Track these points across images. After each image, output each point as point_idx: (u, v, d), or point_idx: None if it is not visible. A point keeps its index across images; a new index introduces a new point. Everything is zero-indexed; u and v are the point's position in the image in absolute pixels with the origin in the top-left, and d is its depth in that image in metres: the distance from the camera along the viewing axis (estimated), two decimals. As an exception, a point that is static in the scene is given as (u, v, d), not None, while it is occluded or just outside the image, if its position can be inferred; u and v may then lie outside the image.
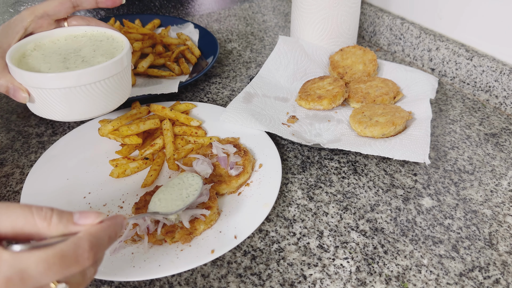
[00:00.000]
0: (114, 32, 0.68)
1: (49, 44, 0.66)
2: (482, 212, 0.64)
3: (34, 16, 0.63)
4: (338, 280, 0.55)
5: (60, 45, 0.66)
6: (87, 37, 0.68)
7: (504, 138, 0.79)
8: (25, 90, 0.58)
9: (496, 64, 0.85)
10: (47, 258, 0.32)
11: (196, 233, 0.58)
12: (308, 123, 0.81)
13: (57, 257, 0.33)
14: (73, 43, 0.67)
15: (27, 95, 0.59)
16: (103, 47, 0.66)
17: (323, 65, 0.97)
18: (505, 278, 0.55)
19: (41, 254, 0.32)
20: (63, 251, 0.33)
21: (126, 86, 0.66)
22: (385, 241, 0.60)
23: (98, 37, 0.68)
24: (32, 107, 0.62)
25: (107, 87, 0.61)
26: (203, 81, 0.97)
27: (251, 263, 0.57)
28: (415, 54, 1.02)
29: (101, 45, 0.66)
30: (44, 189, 0.65)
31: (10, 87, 0.58)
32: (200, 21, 1.26)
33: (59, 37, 0.67)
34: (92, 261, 0.35)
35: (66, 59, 0.63)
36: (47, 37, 0.66)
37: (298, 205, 0.65)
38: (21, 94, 0.58)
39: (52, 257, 0.33)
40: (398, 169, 0.72)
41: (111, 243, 0.38)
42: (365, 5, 1.12)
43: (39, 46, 0.65)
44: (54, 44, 0.66)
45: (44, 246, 0.33)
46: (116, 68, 0.61)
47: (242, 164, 0.68)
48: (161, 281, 0.55)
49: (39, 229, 0.34)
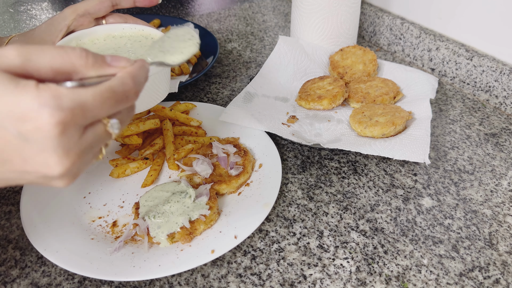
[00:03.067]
0: (151, 30, 0.69)
1: (89, 43, 0.67)
2: (482, 212, 0.64)
3: (76, 15, 0.65)
4: (338, 280, 0.55)
5: (99, 45, 0.67)
6: (126, 37, 0.69)
7: (504, 138, 0.79)
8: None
9: (496, 64, 0.85)
10: (101, 92, 0.34)
11: (196, 233, 0.58)
12: (308, 123, 0.81)
13: (109, 91, 0.35)
14: (112, 43, 0.67)
15: None
16: (144, 47, 0.66)
17: (323, 65, 0.97)
18: (505, 278, 0.55)
19: (95, 89, 0.34)
20: (113, 87, 0.35)
21: (167, 82, 0.68)
22: (385, 241, 0.60)
23: (136, 38, 0.69)
24: None
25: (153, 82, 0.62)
26: (203, 81, 0.97)
27: (251, 263, 0.57)
28: (415, 54, 1.02)
29: (142, 45, 0.67)
30: (44, 189, 0.65)
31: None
32: (200, 21, 1.26)
33: (99, 36, 0.68)
34: (136, 97, 0.38)
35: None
36: (87, 36, 0.67)
37: (298, 205, 0.65)
38: None
39: (105, 92, 0.35)
40: (398, 169, 0.72)
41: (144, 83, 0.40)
42: (365, 5, 1.12)
43: (80, 45, 0.66)
44: (94, 44, 0.67)
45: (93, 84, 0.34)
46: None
47: (242, 164, 0.68)
48: (161, 281, 0.55)
49: (76, 68, 0.35)
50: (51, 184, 0.36)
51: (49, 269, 0.56)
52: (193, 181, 0.67)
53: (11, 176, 0.35)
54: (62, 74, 0.35)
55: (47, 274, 0.56)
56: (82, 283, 0.54)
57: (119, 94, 0.36)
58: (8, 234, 0.61)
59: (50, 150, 0.33)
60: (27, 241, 0.60)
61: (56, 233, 0.58)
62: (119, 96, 0.36)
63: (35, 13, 1.28)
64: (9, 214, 0.64)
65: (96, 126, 0.36)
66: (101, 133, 0.37)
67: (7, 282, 0.55)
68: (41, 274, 0.56)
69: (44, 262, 0.57)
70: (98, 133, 0.36)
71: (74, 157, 0.34)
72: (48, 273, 0.56)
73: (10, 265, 0.57)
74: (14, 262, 0.57)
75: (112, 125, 0.37)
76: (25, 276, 0.55)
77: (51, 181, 0.36)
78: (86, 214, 0.63)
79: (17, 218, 0.64)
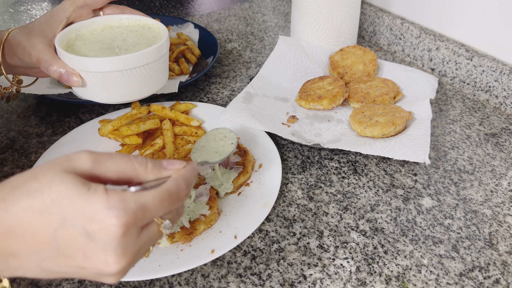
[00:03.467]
0: (149, 20, 0.70)
1: (88, 34, 0.68)
2: (482, 212, 0.64)
3: (75, 6, 0.66)
4: (338, 280, 0.55)
5: (97, 35, 0.68)
6: (123, 27, 0.70)
7: (504, 138, 0.79)
8: (78, 75, 0.61)
9: (496, 64, 0.85)
10: (160, 194, 0.38)
11: (196, 233, 0.58)
12: (308, 123, 0.81)
13: (167, 193, 0.38)
14: (110, 34, 0.69)
15: (80, 79, 0.61)
16: (142, 36, 0.68)
17: (323, 65, 0.97)
18: (505, 278, 0.55)
19: (155, 192, 0.38)
20: (169, 189, 0.39)
21: (165, 72, 0.69)
22: (385, 241, 0.60)
23: (133, 27, 0.70)
24: (78, 90, 0.65)
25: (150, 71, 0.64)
26: (203, 81, 0.97)
27: (251, 263, 0.57)
28: (415, 54, 1.02)
29: (136, 35, 0.68)
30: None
31: (63, 72, 0.61)
32: (200, 21, 1.26)
33: (97, 27, 0.69)
34: (186, 198, 0.41)
35: (109, 48, 0.65)
36: (86, 27, 0.68)
37: (298, 205, 0.65)
38: (74, 78, 0.61)
39: (163, 194, 0.38)
40: (398, 169, 0.72)
41: (194, 184, 0.44)
42: (365, 5, 1.12)
43: (79, 36, 0.67)
44: (92, 34, 0.68)
45: (152, 187, 0.38)
46: (159, 52, 0.64)
47: (242, 164, 0.68)
48: (161, 281, 0.55)
49: (138, 173, 0.39)
50: (102, 280, 0.38)
51: (49, 269, 0.56)
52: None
53: (67, 270, 0.37)
54: (125, 178, 0.39)
55: (47, 274, 0.56)
56: (82, 283, 0.54)
57: (173, 195, 0.39)
58: (8, 234, 0.61)
59: (112, 249, 0.35)
60: (27, 241, 0.60)
61: (56, 233, 0.57)
62: (174, 197, 0.39)
63: (35, 13, 1.28)
64: (9, 214, 0.64)
65: (151, 226, 0.39)
66: (154, 233, 0.39)
67: (7, 282, 0.55)
68: (41, 274, 0.56)
69: (44, 262, 0.57)
70: (152, 233, 0.39)
71: (130, 257, 0.37)
72: (48, 273, 0.56)
73: (10, 265, 0.57)
74: (14, 262, 0.57)
75: (165, 225, 0.39)
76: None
77: (103, 278, 0.38)
78: (86, 214, 0.63)
79: (17, 218, 0.63)
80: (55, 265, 0.36)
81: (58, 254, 0.35)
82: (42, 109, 0.87)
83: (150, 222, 0.39)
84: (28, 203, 0.34)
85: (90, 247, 0.35)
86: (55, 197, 0.34)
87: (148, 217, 0.37)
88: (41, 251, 0.35)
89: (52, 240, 0.35)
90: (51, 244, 0.35)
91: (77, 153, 0.37)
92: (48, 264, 0.36)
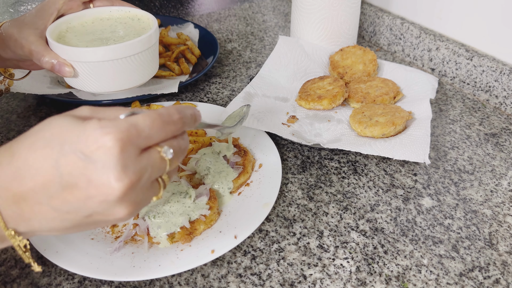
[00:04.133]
0: (138, 11, 0.72)
1: (78, 27, 0.69)
2: (482, 212, 0.64)
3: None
4: (338, 280, 0.55)
5: (87, 27, 0.69)
6: (113, 19, 0.71)
7: (504, 138, 0.79)
8: (70, 65, 0.62)
9: (496, 64, 0.85)
10: (149, 114, 0.39)
11: (196, 233, 0.58)
12: (308, 123, 0.81)
13: (156, 113, 0.40)
14: (100, 25, 0.70)
15: (72, 69, 0.62)
16: (131, 28, 0.69)
17: (323, 65, 0.97)
18: (505, 278, 0.55)
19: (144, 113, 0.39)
20: (158, 111, 0.40)
21: (156, 61, 0.70)
22: (385, 241, 0.60)
23: (123, 19, 0.71)
24: (71, 81, 0.66)
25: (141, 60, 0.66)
26: (203, 81, 0.97)
27: (251, 263, 0.57)
28: (415, 54, 1.02)
29: (126, 27, 0.70)
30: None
31: (55, 63, 0.62)
32: (200, 21, 1.26)
33: (87, 19, 0.70)
34: (180, 125, 0.42)
35: (99, 39, 0.66)
36: (76, 19, 0.70)
37: (298, 205, 0.65)
38: (66, 69, 0.62)
39: (153, 114, 0.39)
40: (398, 169, 0.72)
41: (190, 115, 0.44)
42: (365, 5, 1.12)
43: (70, 28, 0.68)
44: (83, 27, 0.69)
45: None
46: (149, 42, 0.65)
47: (242, 164, 0.68)
48: (161, 281, 0.55)
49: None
50: (112, 213, 0.39)
51: (49, 269, 0.56)
52: (193, 181, 0.67)
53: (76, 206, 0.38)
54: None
55: (47, 274, 0.56)
56: (82, 283, 0.54)
57: (164, 116, 0.40)
58: (8, 234, 0.61)
59: (111, 166, 0.36)
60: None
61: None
62: (165, 117, 0.40)
63: (35, 13, 1.27)
64: (9, 214, 0.64)
65: (151, 151, 0.40)
66: (156, 158, 0.40)
67: (7, 282, 0.55)
68: (41, 274, 0.56)
69: (44, 262, 0.57)
70: (153, 158, 0.40)
71: (131, 176, 0.37)
72: (48, 273, 0.56)
73: (10, 265, 0.57)
74: (14, 262, 0.57)
75: (165, 151, 0.40)
76: (25, 276, 0.55)
77: (112, 208, 0.38)
78: (86, 214, 0.63)
79: (17, 218, 0.64)
80: (64, 202, 0.37)
81: (63, 187, 0.37)
82: (42, 109, 0.87)
83: (151, 148, 0.40)
84: (31, 142, 0.37)
85: (91, 169, 0.36)
86: (54, 131, 0.37)
87: (143, 136, 0.38)
88: (48, 187, 0.37)
89: (55, 172, 0.36)
90: (55, 176, 0.36)
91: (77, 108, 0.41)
92: (56, 203, 0.37)
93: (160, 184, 0.42)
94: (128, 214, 0.39)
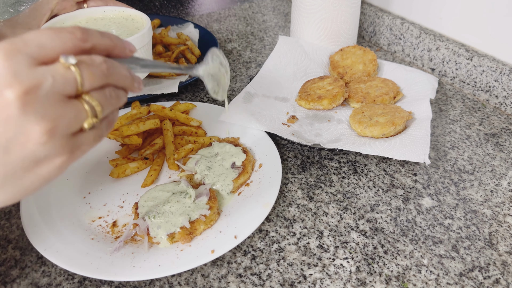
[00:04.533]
0: (132, 11, 0.72)
1: None
2: (482, 212, 0.64)
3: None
4: (338, 280, 0.55)
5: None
6: (107, 19, 0.72)
7: (504, 138, 0.79)
8: None
9: (496, 64, 0.85)
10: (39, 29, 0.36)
11: (196, 233, 0.58)
12: (308, 123, 0.81)
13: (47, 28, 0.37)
14: (94, 25, 0.70)
15: None
16: (124, 28, 0.69)
17: (323, 65, 0.97)
18: (505, 278, 0.55)
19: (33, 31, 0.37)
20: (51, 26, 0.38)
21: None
22: (385, 241, 0.60)
23: (117, 19, 0.71)
24: None
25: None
26: (203, 81, 0.96)
27: (251, 263, 0.57)
28: (415, 54, 1.02)
29: (120, 27, 0.70)
30: (44, 189, 0.65)
31: None
32: (200, 21, 1.26)
33: (81, 19, 0.70)
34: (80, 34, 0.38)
35: None
36: (70, 19, 0.69)
37: (298, 205, 0.65)
38: None
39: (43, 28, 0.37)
40: (398, 169, 0.72)
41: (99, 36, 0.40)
42: (365, 5, 1.12)
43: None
44: None
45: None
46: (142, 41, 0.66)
47: (242, 164, 0.68)
48: (161, 281, 0.55)
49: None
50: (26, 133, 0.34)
51: (49, 269, 0.56)
52: (193, 181, 0.67)
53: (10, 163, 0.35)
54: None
55: (47, 274, 0.56)
56: (82, 283, 0.54)
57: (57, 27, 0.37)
58: (8, 234, 0.61)
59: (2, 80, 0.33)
60: (27, 241, 0.60)
61: (56, 233, 0.58)
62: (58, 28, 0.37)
63: (35, 13, 1.28)
64: (9, 214, 0.64)
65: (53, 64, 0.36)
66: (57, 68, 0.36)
67: (7, 282, 0.55)
68: (41, 274, 0.56)
69: (44, 262, 0.57)
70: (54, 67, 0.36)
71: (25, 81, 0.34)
72: (48, 273, 0.56)
73: (10, 265, 0.57)
74: (14, 262, 0.57)
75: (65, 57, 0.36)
76: (25, 276, 0.55)
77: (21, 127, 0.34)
78: (86, 214, 0.63)
79: (17, 218, 0.64)
80: None
81: None
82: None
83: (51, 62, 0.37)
84: None
85: None
86: None
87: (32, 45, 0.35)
88: None
89: None
90: None
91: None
92: None
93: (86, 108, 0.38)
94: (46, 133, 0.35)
